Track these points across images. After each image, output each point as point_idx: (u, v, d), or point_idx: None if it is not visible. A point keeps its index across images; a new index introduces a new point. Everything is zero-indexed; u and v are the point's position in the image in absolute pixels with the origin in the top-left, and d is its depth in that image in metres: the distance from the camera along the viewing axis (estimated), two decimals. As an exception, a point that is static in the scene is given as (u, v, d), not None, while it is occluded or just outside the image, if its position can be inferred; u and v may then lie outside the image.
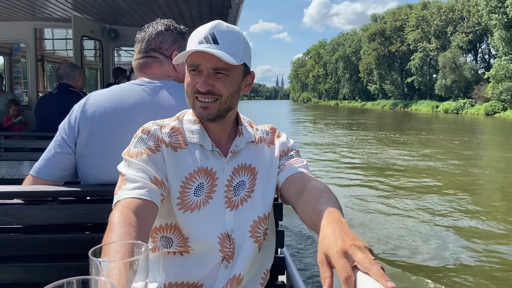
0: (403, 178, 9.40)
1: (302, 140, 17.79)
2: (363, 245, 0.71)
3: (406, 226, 5.96)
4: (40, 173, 1.35)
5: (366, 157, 12.78)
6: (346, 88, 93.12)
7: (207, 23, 1.02)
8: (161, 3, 4.61)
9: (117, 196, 0.92)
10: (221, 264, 1.05)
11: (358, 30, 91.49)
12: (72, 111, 1.39)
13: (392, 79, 70.21)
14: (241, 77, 1.06)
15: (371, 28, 73.76)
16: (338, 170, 10.60)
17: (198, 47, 0.97)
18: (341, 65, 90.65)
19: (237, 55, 1.00)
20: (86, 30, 5.53)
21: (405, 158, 12.26)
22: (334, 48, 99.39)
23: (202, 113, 1.03)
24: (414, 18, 62.81)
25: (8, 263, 1.30)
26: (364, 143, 16.78)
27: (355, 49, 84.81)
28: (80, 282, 0.52)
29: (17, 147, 3.09)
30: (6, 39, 5.98)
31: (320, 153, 13.87)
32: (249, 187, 1.12)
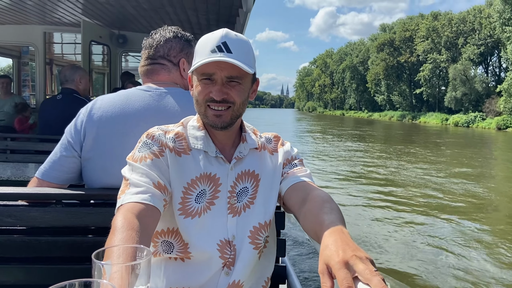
0: (447, 208, 8.05)
1: (314, 153, 17.03)
2: (365, 256, 0.71)
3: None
4: (45, 176, 1.38)
5: (394, 176, 11.46)
6: (352, 98, 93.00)
7: (214, 31, 1.04)
8: (169, 10, 4.69)
9: (120, 200, 0.93)
10: (221, 270, 1.06)
11: (366, 40, 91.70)
12: (79, 115, 1.42)
13: (400, 90, 69.89)
14: (250, 85, 1.09)
15: (380, 38, 73.82)
16: (365, 194, 9.29)
17: (211, 55, 0.99)
18: (348, 75, 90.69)
19: (250, 63, 1.02)
20: (95, 35, 5.62)
21: (437, 180, 10.98)
22: (341, 57, 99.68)
23: (215, 121, 1.04)
24: (425, 29, 62.75)
25: (11, 265, 1.31)
26: (384, 158, 15.64)
27: (363, 59, 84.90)
28: (82, 284, 0.53)
29: (22, 149, 3.13)
30: (15, 42, 6.09)
31: (338, 170, 12.60)
32: (252, 194, 1.13)
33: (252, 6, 3.51)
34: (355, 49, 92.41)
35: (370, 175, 11.84)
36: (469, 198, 8.98)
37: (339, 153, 17.31)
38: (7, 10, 4.83)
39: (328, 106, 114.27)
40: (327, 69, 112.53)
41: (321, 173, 11.93)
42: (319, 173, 11.73)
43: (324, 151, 17.68)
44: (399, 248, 5.66)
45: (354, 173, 12.10)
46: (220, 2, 4.14)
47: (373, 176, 11.60)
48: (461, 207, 8.18)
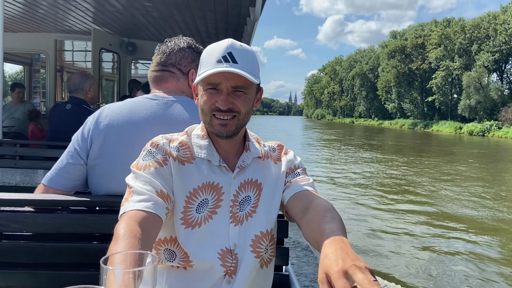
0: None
1: (329, 166, 15.46)
2: (364, 265, 0.71)
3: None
4: (51, 183, 1.40)
5: (438, 199, 9.86)
6: (362, 106, 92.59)
7: (219, 41, 1.07)
8: (178, 18, 4.77)
9: (123, 208, 0.95)
10: (223, 279, 1.07)
11: (376, 47, 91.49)
12: (86, 123, 1.45)
13: (411, 98, 69.16)
14: (255, 94, 1.11)
15: (391, 45, 73.28)
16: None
17: (217, 66, 1.01)
18: (357, 82, 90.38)
19: (254, 73, 1.05)
20: (105, 43, 5.73)
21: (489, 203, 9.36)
22: (351, 64, 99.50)
23: (221, 130, 1.06)
24: (437, 35, 62.20)
25: (17, 270, 1.33)
26: (418, 174, 13.71)
27: (373, 66, 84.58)
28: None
29: (31, 156, 3.18)
30: (27, 49, 6.24)
31: (366, 190, 11.00)
32: (254, 203, 1.14)
33: (260, 15, 3.56)
34: (365, 56, 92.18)
35: (412, 198, 9.99)
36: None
37: (361, 167, 15.52)
38: (20, 18, 4.96)
39: (337, 113, 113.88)
40: (336, 76, 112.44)
41: (352, 195, 10.23)
42: (348, 197, 9.94)
43: (347, 169, 15.07)
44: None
45: (392, 192, 10.47)
46: (229, 11, 4.20)
47: (417, 200, 9.70)
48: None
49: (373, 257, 5.88)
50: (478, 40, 56.56)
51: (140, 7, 4.37)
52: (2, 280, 1.31)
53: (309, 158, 17.96)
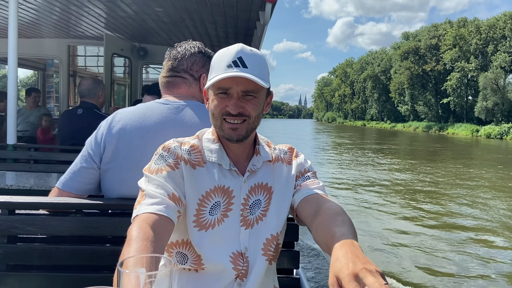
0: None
1: (349, 175, 14.18)
2: (375, 269, 0.72)
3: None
4: (65, 186, 1.44)
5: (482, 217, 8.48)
6: (374, 109, 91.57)
7: (229, 46, 1.09)
8: (188, 23, 4.83)
9: (136, 211, 0.97)
10: (234, 282, 1.08)
11: (388, 49, 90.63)
12: (99, 128, 1.49)
13: (425, 100, 67.98)
14: (264, 98, 1.13)
15: (404, 46, 72.20)
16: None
17: (228, 70, 1.03)
18: (369, 84, 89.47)
19: (264, 77, 1.06)
20: (117, 48, 5.83)
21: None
22: (362, 67, 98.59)
23: (231, 134, 1.08)
24: (451, 36, 61.17)
25: (32, 272, 1.37)
26: (450, 184, 12.21)
27: (385, 68, 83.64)
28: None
29: (45, 159, 3.25)
30: (41, 55, 6.38)
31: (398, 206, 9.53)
32: (265, 206, 1.15)
33: (269, 19, 3.58)
34: (377, 58, 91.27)
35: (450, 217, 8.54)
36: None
37: (381, 175, 14.04)
38: (33, 24, 5.09)
39: (348, 116, 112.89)
40: (347, 78, 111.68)
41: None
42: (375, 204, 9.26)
43: (366, 176, 13.87)
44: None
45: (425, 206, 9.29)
46: (238, 15, 4.24)
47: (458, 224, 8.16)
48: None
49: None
50: (494, 41, 55.51)
51: (151, 12, 4.45)
52: (17, 282, 1.34)
53: (323, 163, 17.28)
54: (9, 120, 3.27)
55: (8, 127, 3.26)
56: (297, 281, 1.45)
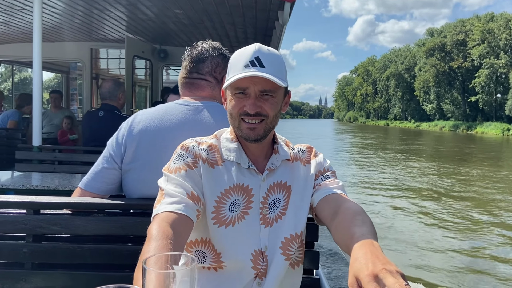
0: None
1: (382, 182, 12.50)
2: (395, 269, 0.71)
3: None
4: (88, 186, 1.48)
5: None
6: (397, 108, 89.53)
7: (246, 46, 1.10)
8: (208, 24, 4.88)
9: (156, 210, 0.99)
10: (254, 281, 1.09)
11: (412, 46, 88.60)
12: (120, 129, 1.52)
13: (452, 98, 65.82)
14: (282, 97, 1.13)
15: (429, 43, 70.07)
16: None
17: (245, 70, 1.04)
18: (392, 82, 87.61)
19: (282, 77, 1.07)
20: (138, 50, 5.96)
21: None
22: (385, 65, 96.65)
23: (249, 134, 1.09)
24: (479, 31, 58.76)
25: (57, 270, 1.41)
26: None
27: (409, 66, 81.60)
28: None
29: (69, 160, 3.36)
30: (65, 58, 6.60)
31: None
32: (284, 205, 1.16)
33: (288, 19, 3.57)
34: (400, 56, 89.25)
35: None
36: None
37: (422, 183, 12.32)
38: (57, 28, 5.26)
39: (371, 116, 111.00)
40: (369, 77, 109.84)
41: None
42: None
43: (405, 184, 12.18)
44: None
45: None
46: (257, 16, 4.25)
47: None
48: None
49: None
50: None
51: (171, 14, 4.52)
52: (42, 280, 1.38)
53: (351, 165, 16.18)
54: (34, 122, 3.39)
55: (33, 129, 3.38)
56: (317, 281, 1.45)
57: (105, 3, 4.17)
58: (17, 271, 1.39)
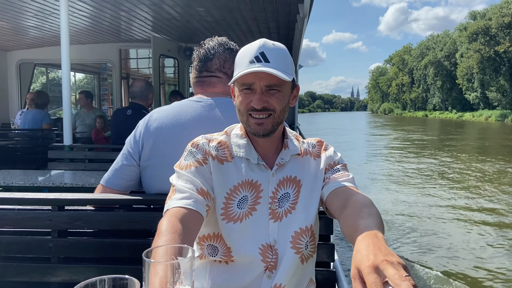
0: None
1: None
2: (397, 260, 0.70)
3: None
4: (108, 183, 1.55)
5: None
6: (436, 97, 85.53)
7: (251, 42, 1.11)
8: (230, 21, 4.93)
9: (167, 205, 1.04)
10: (264, 274, 1.12)
11: (452, 31, 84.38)
12: (137, 127, 1.58)
13: (498, 86, 61.73)
14: (290, 91, 1.14)
15: (472, 26, 66.00)
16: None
17: (250, 66, 1.06)
18: (431, 71, 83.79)
19: (287, 71, 1.08)
20: (164, 49, 6.12)
21: None
22: (423, 52, 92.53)
23: (257, 129, 1.11)
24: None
25: (81, 264, 1.50)
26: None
27: (449, 52, 77.66)
28: (111, 280, 0.58)
29: (99, 159, 3.52)
30: (95, 59, 6.89)
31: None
32: (294, 199, 1.17)
33: (309, 12, 3.54)
34: (439, 42, 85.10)
35: None
36: None
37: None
38: (87, 31, 5.50)
39: (407, 107, 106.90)
40: (405, 66, 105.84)
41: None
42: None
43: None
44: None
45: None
46: (278, 10, 4.25)
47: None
48: None
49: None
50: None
51: (194, 12, 4.60)
52: (68, 274, 1.47)
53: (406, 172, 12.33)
54: (65, 123, 3.58)
55: (64, 129, 3.57)
56: (333, 274, 1.46)
57: (130, 4, 4.31)
58: (44, 265, 1.47)
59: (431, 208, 8.16)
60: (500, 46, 60.01)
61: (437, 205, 8.38)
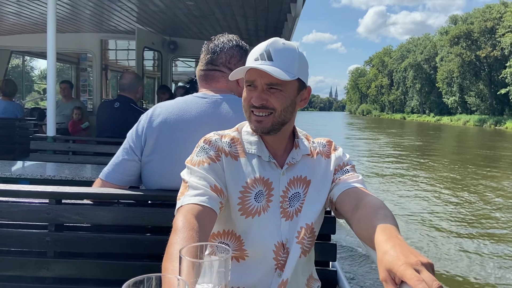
0: None
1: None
2: (427, 261, 0.75)
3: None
4: (108, 177, 1.56)
5: None
6: (415, 100, 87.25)
7: (260, 39, 1.16)
8: (219, 16, 4.93)
9: (180, 202, 1.05)
10: (274, 272, 1.16)
11: (433, 34, 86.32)
12: (140, 121, 1.59)
13: (477, 90, 62.82)
14: (295, 92, 1.16)
15: (454, 30, 67.08)
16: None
17: (253, 63, 1.11)
18: (410, 74, 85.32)
19: (291, 70, 1.10)
20: (148, 41, 6.05)
21: None
22: (403, 55, 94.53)
23: (256, 126, 1.15)
24: (510, 17, 55.24)
25: (78, 259, 1.49)
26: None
27: (429, 56, 79.20)
28: (159, 278, 0.59)
29: (83, 151, 3.47)
30: (75, 49, 6.72)
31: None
32: (303, 199, 1.21)
33: (301, 11, 3.61)
34: (419, 45, 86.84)
35: None
36: None
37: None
38: (67, 19, 5.37)
39: (386, 109, 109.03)
40: (384, 68, 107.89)
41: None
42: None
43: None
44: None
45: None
46: (269, 8, 4.30)
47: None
48: None
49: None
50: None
51: (182, 6, 4.58)
52: (64, 269, 1.47)
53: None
54: (48, 113, 3.50)
55: (47, 119, 3.49)
56: (334, 273, 1.51)
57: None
58: (40, 259, 1.46)
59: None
60: (482, 51, 60.94)
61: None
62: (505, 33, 56.53)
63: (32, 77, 24.34)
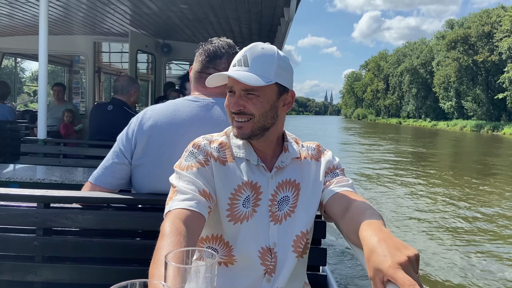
0: None
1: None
2: (413, 253, 0.78)
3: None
4: (98, 181, 1.56)
5: None
6: (411, 105, 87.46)
7: (252, 43, 1.16)
8: (212, 20, 4.96)
9: (168, 206, 1.05)
10: (263, 277, 1.16)
11: (429, 39, 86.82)
12: (130, 124, 1.59)
13: (474, 95, 62.70)
14: (274, 97, 1.15)
15: (451, 35, 66.81)
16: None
17: (231, 69, 1.13)
18: (406, 78, 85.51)
19: (267, 75, 1.10)
20: (141, 44, 6.07)
21: None
22: (399, 59, 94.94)
23: (237, 132, 1.16)
24: (509, 21, 54.79)
25: (66, 264, 1.48)
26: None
27: (425, 60, 79.43)
28: (142, 284, 0.58)
29: (74, 154, 3.46)
30: (68, 51, 6.71)
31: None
32: (293, 203, 1.22)
33: (294, 15, 3.65)
34: (416, 50, 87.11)
35: None
36: None
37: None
38: (61, 21, 5.37)
39: (381, 113, 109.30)
40: (380, 72, 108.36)
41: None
42: None
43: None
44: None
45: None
46: (263, 12, 4.33)
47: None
48: None
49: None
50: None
51: (176, 9, 4.60)
52: (52, 273, 1.46)
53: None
54: (39, 115, 3.49)
55: (38, 122, 3.48)
56: (324, 278, 1.51)
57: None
58: (28, 263, 1.45)
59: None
60: (479, 56, 60.61)
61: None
62: (503, 38, 56.39)
63: (21, 79, 24.18)
